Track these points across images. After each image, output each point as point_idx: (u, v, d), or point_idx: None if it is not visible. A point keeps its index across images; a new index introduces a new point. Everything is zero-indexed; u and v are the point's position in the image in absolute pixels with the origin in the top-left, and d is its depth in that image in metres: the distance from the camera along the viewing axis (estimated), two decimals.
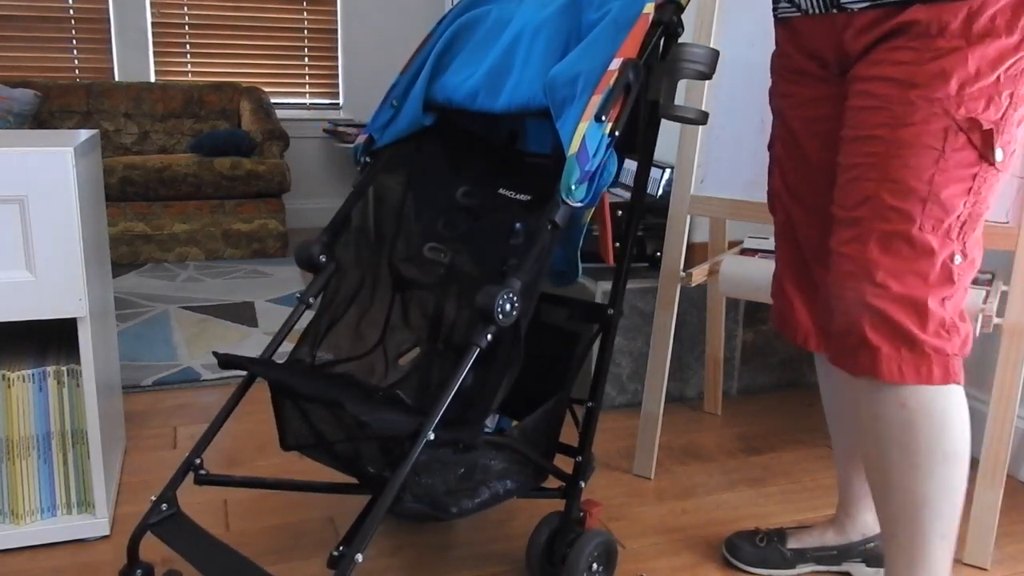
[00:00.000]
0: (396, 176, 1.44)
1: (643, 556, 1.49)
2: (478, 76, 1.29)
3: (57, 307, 1.37)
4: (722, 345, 2.10)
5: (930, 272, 1.01)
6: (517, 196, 1.42)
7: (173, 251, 3.74)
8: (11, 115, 3.68)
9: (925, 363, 1.02)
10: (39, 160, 1.32)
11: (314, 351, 1.34)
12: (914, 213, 1.00)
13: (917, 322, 1.01)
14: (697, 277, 1.76)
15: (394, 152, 1.40)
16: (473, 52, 1.33)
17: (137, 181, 3.64)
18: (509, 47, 1.27)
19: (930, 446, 1.04)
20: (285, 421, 1.25)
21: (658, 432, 1.79)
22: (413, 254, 1.46)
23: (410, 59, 1.39)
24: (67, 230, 1.36)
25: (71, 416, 1.45)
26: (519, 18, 1.29)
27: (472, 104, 1.29)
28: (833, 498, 1.72)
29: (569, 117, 1.14)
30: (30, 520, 1.46)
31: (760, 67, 1.72)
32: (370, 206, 1.41)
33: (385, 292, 1.46)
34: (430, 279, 1.46)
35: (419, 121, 1.36)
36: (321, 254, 1.32)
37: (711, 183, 1.74)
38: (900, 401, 1.04)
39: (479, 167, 1.46)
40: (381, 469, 1.13)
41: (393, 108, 1.37)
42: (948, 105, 0.98)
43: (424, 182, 1.45)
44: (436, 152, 1.44)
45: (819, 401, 2.27)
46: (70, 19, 4.19)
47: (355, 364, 1.41)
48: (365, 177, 1.39)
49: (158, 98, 4.14)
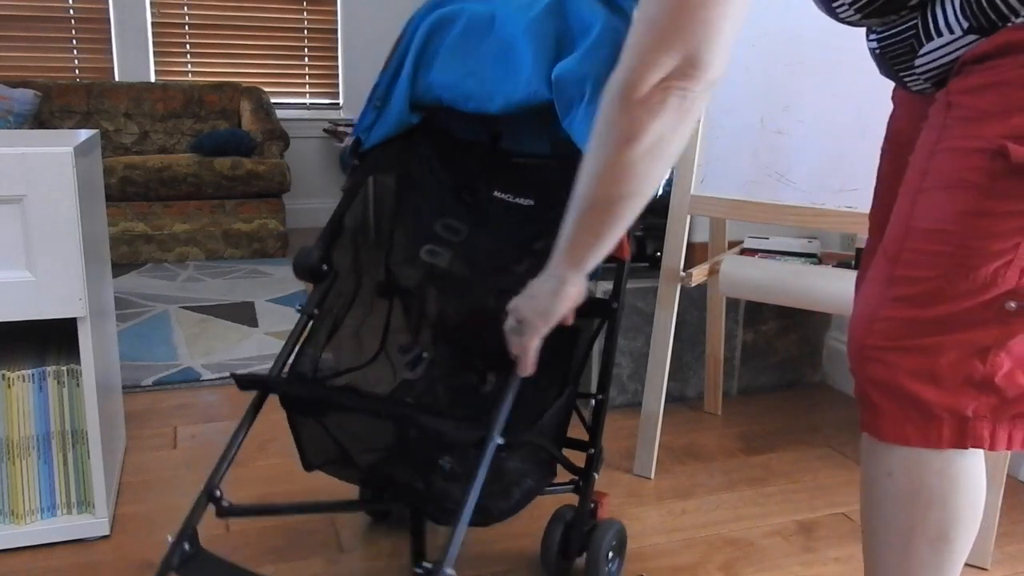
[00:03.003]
0: (387, 177, 1.42)
1: (643, 556, 1.49)
2: (471, 77, 1.28)
3: (57, 307, 1.37)
4: (722, 345, 2.10)
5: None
6: (517, 200, 1.40)
7: (173, 251, 3.74)
8: (11, 115, 3.68)
9: (934, 425, 0.88)
10: (39, 160, 1.32)
11: (316, 363, 1.29)
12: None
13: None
14: (697, 277, 1.76)
15: (382, 153, 1.38)
16: (457, 50, 1.31)
17: (137, 181, 3.64)
18: (501, 48, 1.27)
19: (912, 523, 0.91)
20: (305, 441, 1.21)
21: (658, 432, 1.79)
22: (411, 257, 1.43)
23: (387, 59, 1.37)
24: (67, 230, 1.36)
25: (71, 416, 1.45)
26: (504, 18, 1.29)
27: (465, 105, 1.28)
28: (833, 498, 1.72)
29: (577, 118, 1.15)
30: (30, 520, 1.46)
31: (760, 67, 1.72)
32: (363, 209, 1.38)
33: (384, 297, 1.43)
34: (430, 282, 1.43)
35: (406, 121, 1.35)
36: (321, 262, 1.28)
37: (711, 183, 1.74)
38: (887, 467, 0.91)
39: (468, 168, 1.45)
40: (412, 480, 1.12)
41: (376, 109, 1.36)
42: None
43: (416, 183, 1.43)
44: (424, 152, 1.42)
45: (819, 401, 2.27)
46: (70, 19, 4.19)
47: (359, 373, 1.38)
48: (355, 180, 1.36)
49: (158, 98, 4.14)
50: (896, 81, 0.98)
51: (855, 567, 1.48)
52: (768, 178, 1.68)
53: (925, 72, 0.92)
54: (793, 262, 1.79)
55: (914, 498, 0.89)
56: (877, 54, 0.97)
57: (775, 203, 1.66)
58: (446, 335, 1.44)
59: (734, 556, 1.50)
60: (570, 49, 1.21)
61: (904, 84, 0.97)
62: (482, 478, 0.99)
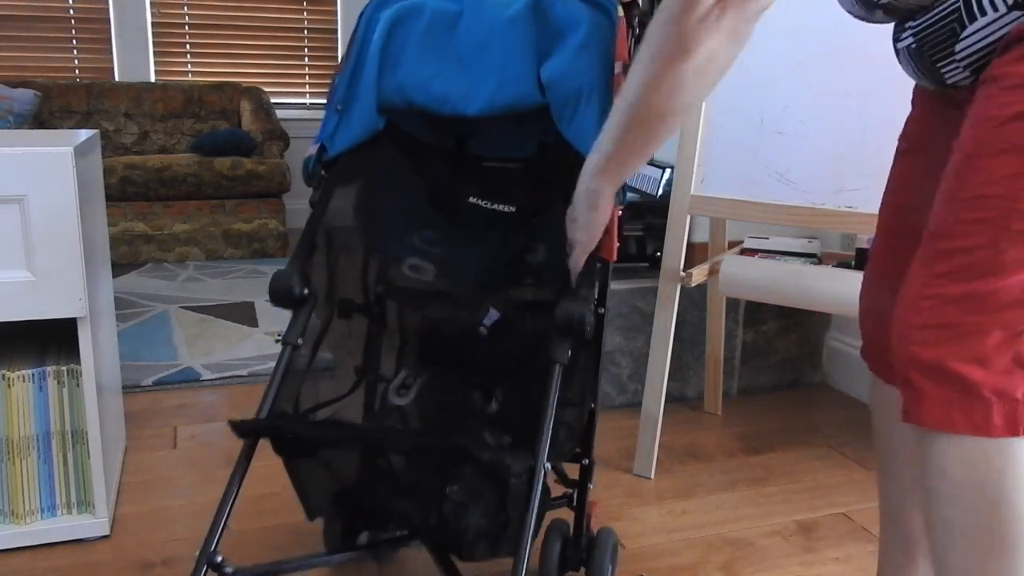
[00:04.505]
0: (357, 187, 1.29)
1: (643, 556, 1.49)
2: (443, 77, 1.23)
3: (57, 307, 1.37)
4: (722, 345, 2.10)
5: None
6: (496, 207, 1.33)
7: (173, 251, 3.74)
8: (11, 115, 3.68)
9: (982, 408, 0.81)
10: (39, 160, 1.32)
11: (298, 396, 1.17)
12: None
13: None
14: (697, 277, 1.76)
15: (349, 161, 1.26)
16: (426, 48, 1.24)
17: (137, 181, 3.64)
18: (476, 48, 1.22)
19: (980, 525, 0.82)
20: (307, 486, 1.12)
21: (658, 432, 1.79)
22: (392, 273, 1.33)
23: (344, 56, 1.27)
24: (67, 230, 1.36)
25: (71, 416, 1.45)
26: (475, 16, 1.24)
27: (440, 108, 1.22)
28: (833, 498, 1.72)
29: (576, 121, 1.14)
30: (30, 520, 1.46)
31: (760, 67, 1.72)
32: (335, 224, 1.26)
33: (365, 318, 1.32)
34: (415, 299, 1.33)
35: (373, 125, 1.26)
36: (300, 286, 1.14)
37: (711, 183, 1.74)
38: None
39: (439, 174, 1.36)
40: (421, 515, 1.06)
41: (338, 113, 1.25)
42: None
43: (388, 192, 1.33)
44: (393, 158, 1.32)
45: (819, 401, 2.27)
46: (70, 19, 4.19)
47: (344, 403, 1.27)
48: (323, 192, 1.24)
49: (158, 98, 4.14)
50: (929, 77, 0.96)
51: (855, 567, 1.48)
52: (768, 178, 1.68)
53: (966, 57, 0.90)
54: (793, 262, 1.79)
55: (974, 498, 0.82)
56: (912, 49, 0.95)
57: (775, 203, 1.66)
58: (437, 355, 1.34)
59: (734, 556, 1.50)
60: (553, 49, 1.18)
61: (940, 78, 0.94)
62: (534, 508, 0.95)
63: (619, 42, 1.14)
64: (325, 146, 1.25)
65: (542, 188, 1.27)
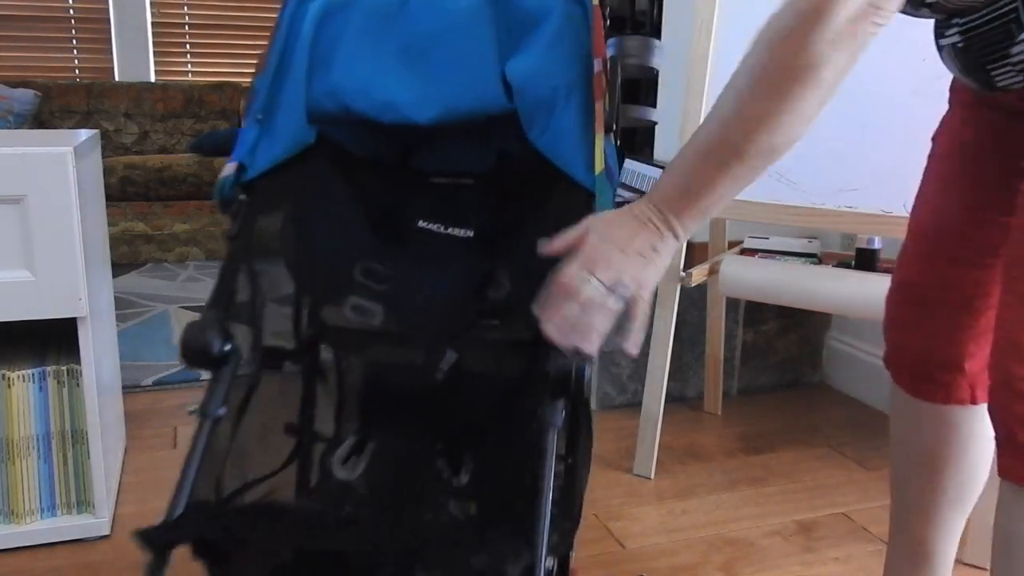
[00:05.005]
0: (284, 215, 1.07)
1: (643, 556, 1.49)
2: (387, 79, 1.03)
3: (57, 307, 1.37)
4: (722, 345, 2.10)
5: None
6: (450, 231, 1.10)
7: (173, 251, 3.74)
8: (11, 115, 3.68)
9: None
10: (39, 160, 1.32)
11: (220, 480, 0.95)
12: None
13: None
14: (697, 277, 1.76)
15: (274, 182, 1.03)
16: (364, 45, 1.05)
17: (137, 181, 3.64)
18: (425, 44, 1.03)
19: None
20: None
21: (658, 432, 1.79)
22: (330, 316, 1.10)
23: (263, 56, 1.06)
24: (67, 230, 1.36)
25: (71, 416, 1.45)
26: (422, 7, 1.06)
27: (386, 115, 1.01)
28: (833, 498, 1.72)
29: (552, 128, 0.97)
30: (30, 520, 1.46)
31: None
32: (259, 260, 1.04)
33: (296, 379, 1.11)
34: (359, 342, 1.10)
35: (302, 138, 1.03)
36: (219, 341, 0.91)
37: None
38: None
39: (382, 194, 1.13)
40: None
41: (259, 123, 1.03)
42: None
43: (321, 217, 1.10)
44: (326, 177, 1.09)
45: (819, 401, 2.27)
46: (70, 19, 4.19)
47: (277, 481, 1.05)
48: (244, 221, 1.01)
49: (158, 98, 4.14)
50: (975, 77, 0.90)
51: (855, 567, 1.48)
52: (768, 178, 1.68)
53: (1023, 61, 0.84)
54: (793, 262, 1.79)
55: None
56: (959, 47, 0.89)
57: (775, 203, 1.66)
58: (388, 411, 1.11)
59: (734, 556, 1.50)
60: (521, 44, 1.01)
61: (989, 80, 0.88)
62: None
63: (596, 35, 0.98)
64: (243, 165, 1.03)
65: (504, 207, 1.08)
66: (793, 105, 0.75)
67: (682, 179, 0.81)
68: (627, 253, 0.80)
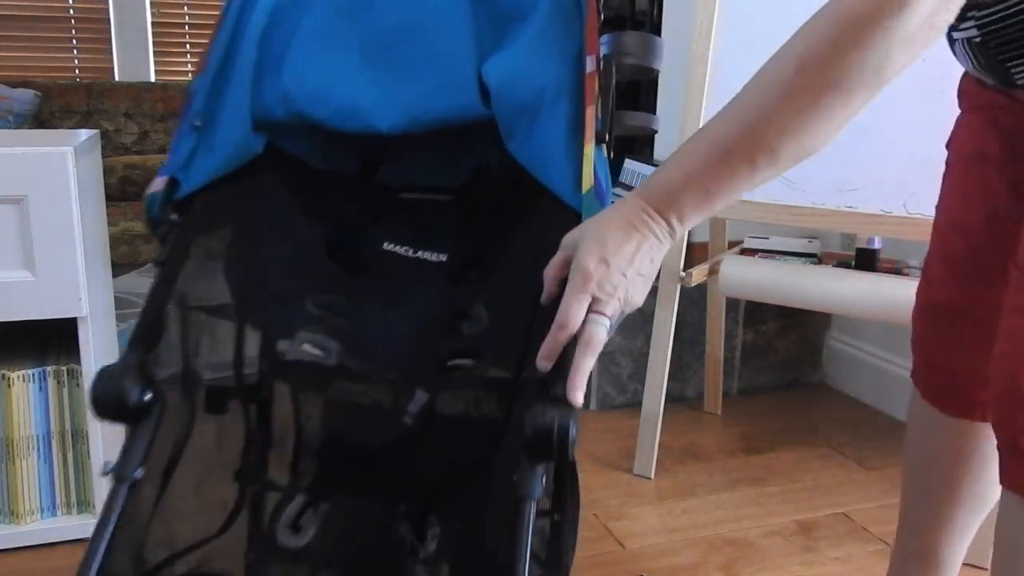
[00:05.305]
0: (224, 238, 0.93)
1: (643, 556, 1.49)
2: (347, 83, 0.90)
3: (57, 307, 1.37)
4: (722, 345, 2.10)
5: None
6: (420, 254, 0.96)
7: None
8: (11, 115, 3.68)
9: None
10: (39, 160, 1.32)
11: (141, 545, 0.82)
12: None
13: None
14: (697, 277, 1.76)
15: (213, 199, 0.89)
16: (321, 42, 0.91)
17: (137, 181, 3.64)
18: (392, 42, 0.91)
19: None
20: None
21: (658, 432, 1.79)
22: (277, 356, 0.95)
23: (204, 54, 0.91)
24: (67, 230, 1.36)
25: (71, 416, 1.45)
26: (391, 2, 0.93)
27: (345, 122, 0.89)
28: (833, 498, 1.72)
29: (534, 136, 0.84)
30: (30, 520, 1.46)
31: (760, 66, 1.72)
32: (193, 291, 0.90)
33: (238, 426, 0.95)
34: (310, 391, 0.95)
35: (248, 148, 0.89)
36: (137, 389, 0.77)
37: None
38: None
39: (341, 212, 0.98)
40: None
41: (197, 131, 0.89)
42: None
43: (270, 242, 0.95)
44: (275, 194, 0.94)
45: (819, 401, 2.27)
46: (70, 19, 4.19)
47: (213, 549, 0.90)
48: (175, 244, 0.87)
49: (158, 98, 4.14)
50: (992, 73, 0.85)
51: (855, 567, 1.48)
52: None
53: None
54: (793, 262, 1.79)
55: None
56: (975, 42, 0.83)
57: (775, 202, 1.66)
58: (345, 463, 0.96)
59: (734, 556, 1.50)
60: (500, 40, 0.89)
61: (1008, 77, 0.84)
62: None
63: (588, 30, 0.86)
64: (176, 179, 0.88)
65: (481, 228, 0.95)
66: (847, 105, 0.68)
67: (691, 178, 0.72)
68: (629, 276, 0.72)
